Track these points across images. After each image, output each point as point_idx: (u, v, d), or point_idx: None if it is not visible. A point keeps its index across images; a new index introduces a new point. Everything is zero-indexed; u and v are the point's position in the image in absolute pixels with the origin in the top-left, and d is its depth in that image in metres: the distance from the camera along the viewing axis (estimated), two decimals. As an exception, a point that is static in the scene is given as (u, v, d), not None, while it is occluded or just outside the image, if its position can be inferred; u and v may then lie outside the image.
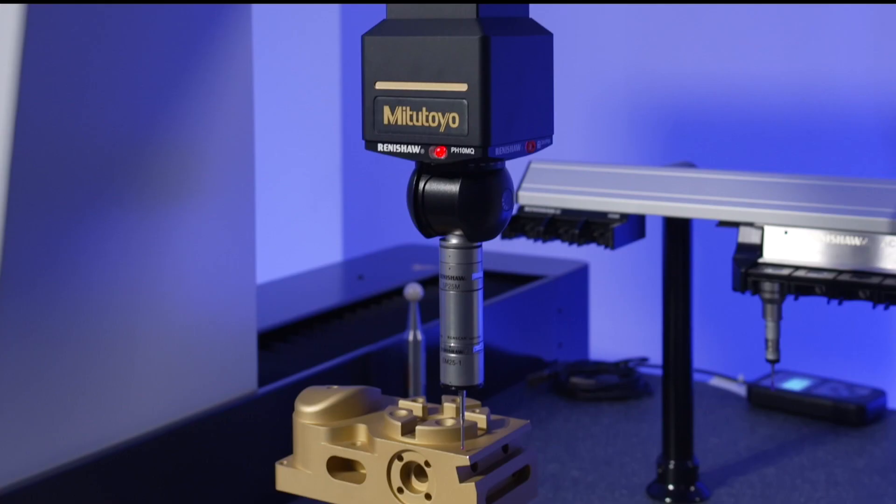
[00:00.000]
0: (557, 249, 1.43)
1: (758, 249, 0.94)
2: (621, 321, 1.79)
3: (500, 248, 1.59)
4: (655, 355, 1.33)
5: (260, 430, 1.04)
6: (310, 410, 0.75)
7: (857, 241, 0.89)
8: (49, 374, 0.88)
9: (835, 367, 1.43)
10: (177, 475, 0.97)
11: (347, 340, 1.28)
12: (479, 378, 0.71)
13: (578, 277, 1.53)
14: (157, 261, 0.95)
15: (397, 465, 0.71)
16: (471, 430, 0.71)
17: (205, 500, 0.99)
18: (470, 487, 0.68)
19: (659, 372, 1.35)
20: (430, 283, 1.48)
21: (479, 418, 0.72)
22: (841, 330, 1.69)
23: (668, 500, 1.06)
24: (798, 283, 0.89)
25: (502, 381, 1.37)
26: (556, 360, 1.46)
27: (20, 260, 0.84)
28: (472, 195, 0.68)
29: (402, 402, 0.74)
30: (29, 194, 0.84)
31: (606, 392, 1.33)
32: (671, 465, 1.06)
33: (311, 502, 1.05)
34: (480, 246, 0.71)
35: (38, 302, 0.86)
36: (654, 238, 1.08)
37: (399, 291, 1.49)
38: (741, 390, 1.32)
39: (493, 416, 0.73)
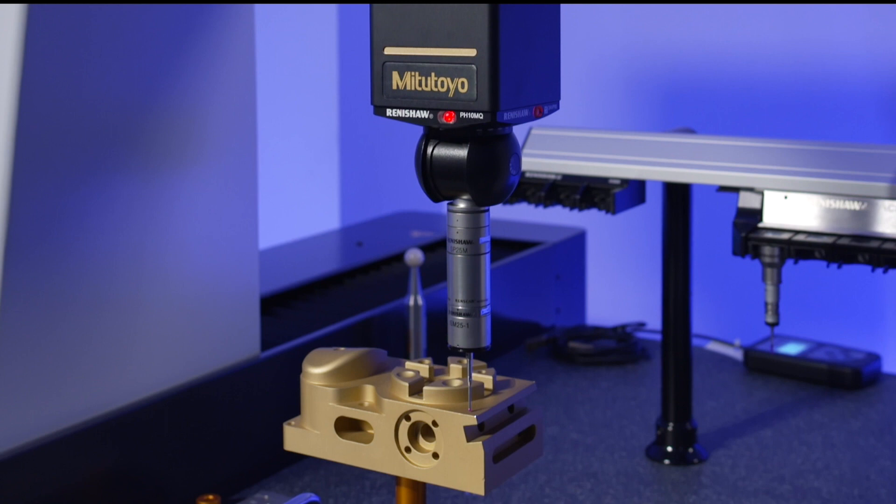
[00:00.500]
0: (556, 216, 1.44)
1: (758, 214, 0.95)
2: (618, 287, 1.81)
3: (499, 215, 1.59)
4: (652, 320, 1.35)
5: (263, 393, 1.05)
6: (317, 372, 0.76)
7: (856, 205, 0.90)
8: (54, 338, 0.89)
9: (830, 332, 1.45)
10: (181, 438, 0.98)
11: (348, 306, 1.29)
12: (486, 341, 0.72)
13: (576, 244, 1.54)
14: (161, 225, 0.96)
15: (405, 425, 0.72)
16: (477, 391, 0.72)
17: (209, 461, 1.01)
18: (477, 447, 0.69)
19: (656, 337, 1.37)
20: (430, 249, 1.49)
21: (486, 379, 0.73)
22: (836, 295, 1.71)
23: (666, 461, 1.07)
24: (798, 247, 0.91)
25: (501, 346, 1.39)
26: (554, 326, 1.48)
27: (27, 224, 0.85)
28: (480, 160, 0.68)
29: (409, 364, 0.75)
30: (34, 159, 0.85)
31: (604, 356, 1.35)
32: (670, 428, 1.08)
33: (316, 463, 1.07)
34: (488, 210, 0.71)
35: (44, 266, 0.87)
36: (649, 205, 1.09)
37: (398, 258, 1.50)
38: (738, 355, 1.34)
39: (499, 377, 0.74)
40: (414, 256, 1.17)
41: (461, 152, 0.68)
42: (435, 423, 0.71)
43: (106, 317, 0.92)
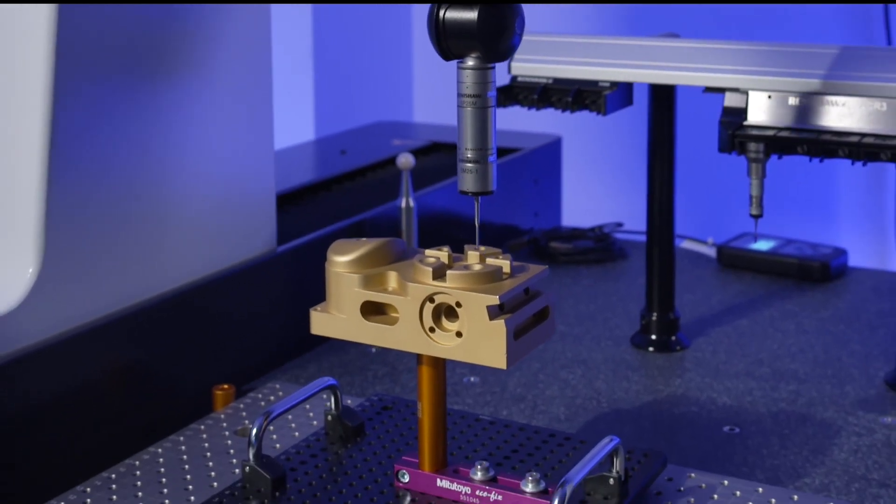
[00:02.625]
0: (531, 122, 1.49)
1: (742, 113, 1.00)
2: (592, 191, 1.87)
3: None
4: (626, 222, 1.41)
5: (279, 283, 1.12)
6: (343, 259, 0.81)
7: (836, 104, 0.96)
8: (94, 233, 0.95)
9: (799, 230, 1.52)
10: (207, 325, 1.05)
11: (339, 209, 1.34)
12: (492, 185, 0.79)
13: (552, 150, 1.60)
14: (185, 129, 1.02)
15: (429, 307, 0.77)
16: (496, 274, 0.77)
17: (230, 347, 1.07)
18: (500, 324, 0.75)
19: (632, 237, 1.44)
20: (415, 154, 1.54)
21: (504, 263, 0.78)
22: (804, 195, 1.78)
23: (651, 348, 1.14)
24: (782, 143, 0.97)
25: (484, 248, 1.44)
26: (532, 229, 1.54)
27: (68, 127, 0.90)
28: (490, 19, 0.74)
29: (428, 251, 0.80)
30: (74, 68, 0.90)
31: (584, 255, 1.41)
32: (654, 317, 1.14)
33: (318, 356, 1.13)
34: (494, 67, 0.78)
35: (85, 165, 0.93)
36: (620, 114, 1.14)
37: (382, 165, 1.55)
38: (711, 252, 1.40)
39: (515, 263, 0.80)
40: (405, 160, 1.22)
41: (471, 14, 0.74)
42: (458, 304, 0.76)
43: (139, 213, 0.98)
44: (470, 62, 0.76)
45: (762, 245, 1.37)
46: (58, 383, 0.91)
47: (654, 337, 1.14)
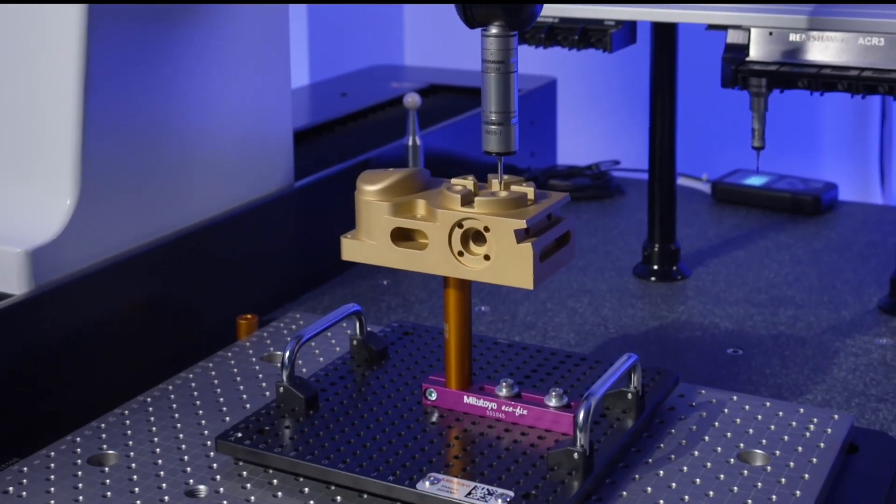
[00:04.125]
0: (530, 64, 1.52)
1: (745, 49, 1.04)
2: (586, 132, 1.91)
3: (476, 66, 1.67)
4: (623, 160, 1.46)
5: (297, 216, 1.17)
6: (373, 189, 0.85)
7: (836, 40, 1.00)
8: (127, 171, 0.99)
9: (791, 166, 1.57)
10: (228, 259, 1.09)
11: (346, 148, 1.37)
12: (514, 146, 0.83)
13: (548, 91, 1.64)
14: (207, 69, 1.06)
15: (457, 232, 0.81)
16: (521, 201, 0.81)
17: (249, 280, 1.11)
18: (527, 247, 0.79)
19: (628, 175, 1.48)
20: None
21: (528, 190, 0.82)
22: (796, 132, 1.83)
23: (653, 278, 1.19)
24: (784, 77, 1.01)
25: (486, 186, 1.48)
26: (530, 168, 1.58)
27: (102, 72, 0.94)
28: None
29: (454, 180, 0.84)
30: (106, 16, 0.94)
31: (583, 192, 1.45)
32: (656, 248, 1.19)
33: (332, 288, 1.17)
34: (516, 34, 0.81)
35: (117, 107, 0.97)
36: (611, 56, 1.18)
37: (382, 107, 1.58)
38: (706, 188, 1.45)
39: (538, 190, 0.84)
40: (412, 99, 1.26)
41: None
42: (486, 229, 0.80)
43: (166, 150, 1.03)
44: (493, 30, 0.80)
45: (755, 180, 1.42)
46: (89, 314, 0.95)
47: (655, 267, 1.19)
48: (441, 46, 2.14)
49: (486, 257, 0.80)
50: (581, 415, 0.76)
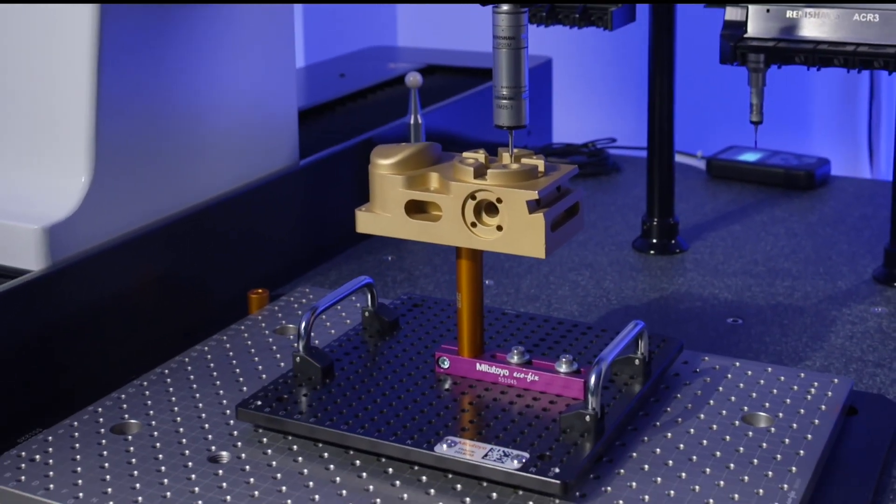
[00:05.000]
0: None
1: (743, 26, 1.07)
2: (580, 111, 1.93)
3: (469, 47, 1.70)
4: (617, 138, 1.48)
5: (303, 194, 1.19)
6: (386, 162, 0.87)
7: (832, 16, 1.03)
8: (139, 149, 1.01)
9: (781, 142, 1.59)
10: (236, 235, 1.11)
11: (347, 127, 1.39)
12: (525, 120, 0.85)
13: (543, 70, 1.66)
14: (215, 49, 1.08)
15: (471, 204, 0.84)
16: (532, 172, 0.84)
17: (257, 256, 1.13)
18: (539, 217, 0.81)
19: (623, 152, 1.51)
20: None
21: (539, 163, 0.85)
22: (789, 108, 1.85)
23: (652, 252, 1.21)
24: (781, 53, 1.03)
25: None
26: (526, 146, 1.60)
27: (115, 52, 0.96)
28: None
29: (466, 154, 0.87)
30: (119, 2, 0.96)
31: (581, 169, 1.48)
32: (655, 222, 1.21)
33: (339, 263, 1.19)
34: (527, 11, 0.83)
35: (130, 86, 0.99)
36: (603, 37, 1.20)
37: (381, 87, 1.60)
38: (701, 164, 1.48)
39: (547, 162, 0.86)
40: (414, 78, 1.28)
41: None
42: (499, 200, 0.82)
43: (176, 129, 1.05)
44: (505, 7, 0.82)
45: (749, 156, 1.44)
46: (104, 289, 0.97)
47: (654, 241, 1.22)
48: (433, 28, 2.17)
49: (499, 228, 0.83)
50: (592, 379, 0.79)
